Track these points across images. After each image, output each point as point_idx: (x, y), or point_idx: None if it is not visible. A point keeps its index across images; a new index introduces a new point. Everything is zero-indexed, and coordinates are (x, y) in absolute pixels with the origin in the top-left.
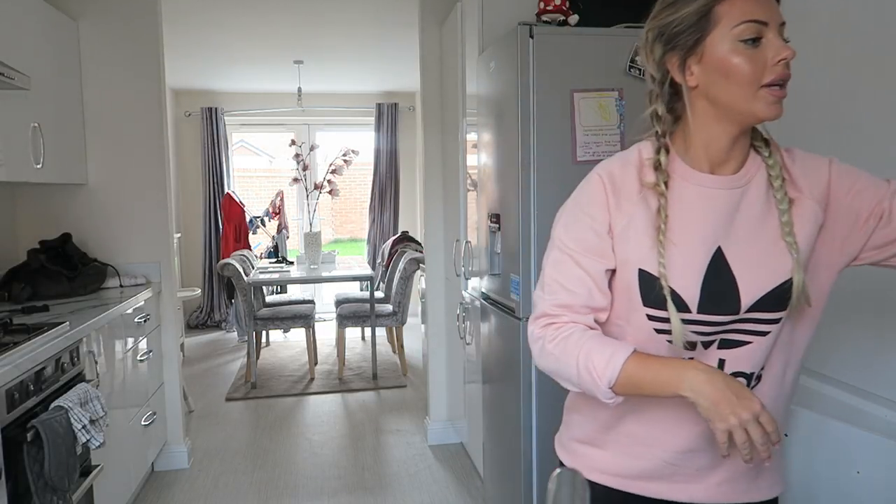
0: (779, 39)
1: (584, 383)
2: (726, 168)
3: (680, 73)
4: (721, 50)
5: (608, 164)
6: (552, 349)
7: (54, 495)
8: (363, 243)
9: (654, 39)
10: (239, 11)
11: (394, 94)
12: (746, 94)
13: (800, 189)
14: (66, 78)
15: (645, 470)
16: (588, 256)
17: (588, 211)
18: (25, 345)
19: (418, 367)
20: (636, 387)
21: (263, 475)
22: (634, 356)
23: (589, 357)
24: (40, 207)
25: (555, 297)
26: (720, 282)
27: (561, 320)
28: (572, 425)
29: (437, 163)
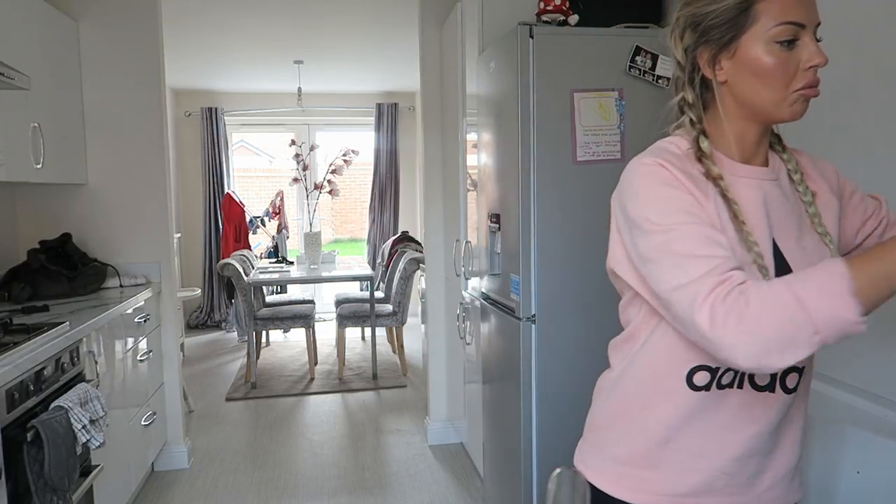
0: (814, 44)
1: (823, 314)
2: (756, 161)
3: (710, 68)
4: (755, 49)
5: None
6: (756, 310)
7: (54, 495)
8: (363, 243)
9: (687, 27)
10: (239, 12)
11: (394, 94)
12: (775, 96)
13: (818, 182)
14: (66, 78)
15: (699, 484)
16: (699, 223)
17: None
18: (25, 345)
19: (418, 367)
20: (875, 286)
21: (263, 475)
22: (850, 259)
23: (806, 287)
24: (40, 207)
25: (706, 267)
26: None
27: (736, 279)
28: (609, 444)
29: (437, 163)
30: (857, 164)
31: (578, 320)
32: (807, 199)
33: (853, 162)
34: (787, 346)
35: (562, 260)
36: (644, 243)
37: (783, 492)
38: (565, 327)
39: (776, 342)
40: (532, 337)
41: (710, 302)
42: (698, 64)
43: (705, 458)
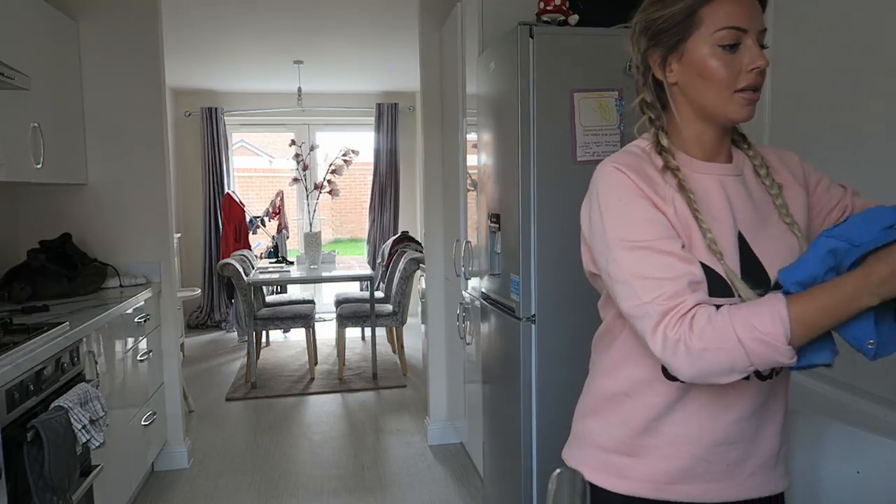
0: (756, 47)
1: (758, 356)
2: (719, 159)
3: (661, 70)
4: (701, 52)
5: (617, 159)
6: (700, 344)
7: (54, 495)
8: (363, 243)
9: (640, 32)
10: (239, 12)
11: (394, 94)
12: (721, 96)
13: (783, 175)
14: (66, 78)
15: (680, 471)
16: (662, 239)
17: (631, 198)
18: (25, 345)
19: (418, 367)
20: (811, 326)
21: (263, 475)
22: (791, 300)
23: (750, 326)
24: (40, 207)
25: (658, 291)
26: (750, 264)
27: (686, 306)
28: (592, 434)
29: (437, 163)
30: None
31: (578, 320)
32: (774, 191)
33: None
34: (726, 373)
35: (562, 260)
36: (606, 259)
37: (765, 479)
38: (565, 327)
39: (717, 371)
40: (532, 337)
41: (661, 330)
42: (651, 65)
43: (685, 446)
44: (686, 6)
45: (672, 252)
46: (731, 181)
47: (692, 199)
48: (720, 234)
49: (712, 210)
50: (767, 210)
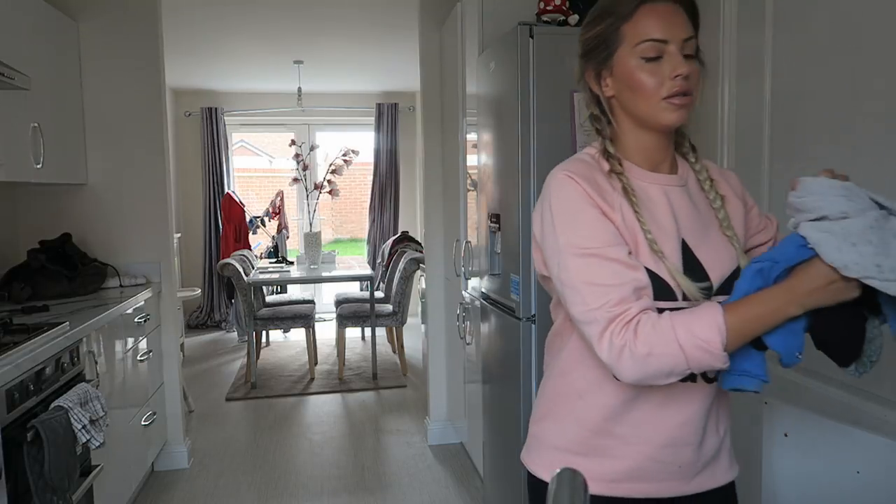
0: (678, 56)
1: (696, 360)
2: (663, 168)
3: (597, 85)
4: (627, 65)
5: (568, 167)
6: (644, 349)
7: (54, 495)
8: (363, 243)
9: (579, 53)
10: (239, 12)
11: (394, 94)
12: (650, 104)
13: (725, 189)
14: (66, 78)
15: (632, 470)
16: (609, 246)
17: (581, 206)
18: (25, 345)
19: (418, 367)
20: (747, 332)
21: (263, 475)
22: (727, 309)
23: (690, 332)
24: (40, 207)
25: (604, 298)
26: (693, 269)
27: (631, 313)
28: (548, 434)
29: (437, 163)
30: (856, 164)
31: None
32: (716, 204)
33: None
34: (666, 376)
35: None
36: (557, 264)
37: (714, 474)
38: None
39: (657, 374)
40: (532, 337)
41: (608, 336)
42: (588, 82)
43: (636, 446)
44: (609, 24)
45: (619, 259)
46: (676, 191)
47: (635, 203)
48: (663, 240)
49: (656, 217)
50: (710, 221)
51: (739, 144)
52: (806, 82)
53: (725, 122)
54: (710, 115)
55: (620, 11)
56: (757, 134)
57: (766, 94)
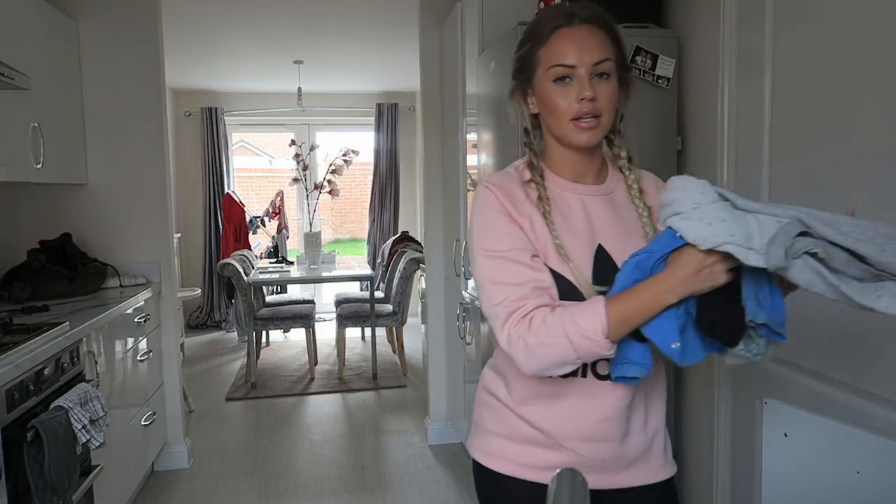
0: (585, 80)
1: (583, 349)
2: (587, 179)
3: (524, 102)
4: (543, 87)
5: (492, 178)
6: (536, 340)
7: (54, 495)
8: (363, 243)
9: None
10: (239, 12)
11: (394, 94)
12: (561, 124)
13: (654, 201)
14: (66, 78)
15: (558, 461)
16: (514, 250)
17: (495, 213)
18: (25, 345)
19: (418, 367)
20: (627, 322)
21: (263, 475)
22: (609, 300)
23: (575, 324)
24: (40, 207)
25: (506, 294)
26: (606, 269)
27: (527, 308)
28: (485, 422)
29: (437, 163)
30: (855, 164)
31: None
32: (644, 214)
33: (851, 162)
34: (558, 366)
35: None
36: (472, 265)
37: (643, 471)
38: None
39: (550, 363)
40: None
41: (506, 329)
42: (517, 98)
43: (561, 439)
44: (529, 48)
45: (522, 261)
46: (595, 200)
47: (547, 211)
48: (576, 245)
49: (571, 223)
50: (634, 228)
51: (739, 144)
52: (806, 82)
53: (725, 122)
54: (710, 115)
55: (538, 36)
56: (757, 134)
57: (766, 94)
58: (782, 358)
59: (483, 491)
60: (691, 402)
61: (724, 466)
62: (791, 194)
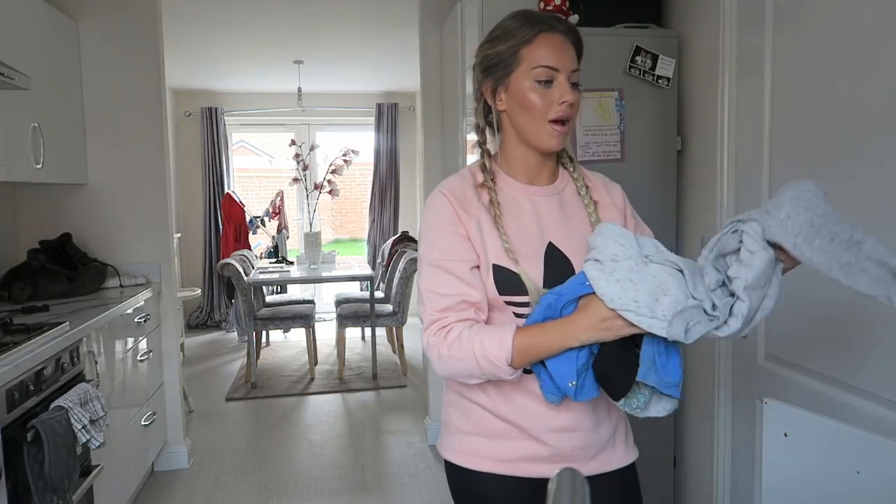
0: (566, 84)
1: (486, 370)
2: (541, 179)
3: (492, 98)
4: (522, 85)
5: (446, 183)
6: (448, 352)
7: (54, 495)
8: (363, 243)
9: (477, 66)
10: (239, 11)
11: (394, 94)
12: (537, 124)
13: (601, 195)
14: (66, 78)
15: (528, 453)
16: (452, 261)
17: (442, 223)
18: (25, 345)
19: (418, 367)
20: (530, 355)
21: (263, 475)
22: (519, 332)
23: (483, 346)
24: (40, 207)
25: (435, 304)
26: (559, 265)
27: (447, 321)
28: (454, 422)
29: (437, 163)
30: (855, 165)
31: None
32: (590, 208)
33: (851, 163)
34: (466, 377)
35: None
36: (419, 268)
37: (609, 458)
38: None
39: (458, 374)
40: None
41: (427, 334)
42: (485, 94)
43: (527, 431)
44: (510, 46)
45: (457, 274)
46: (545, 200)
47: (498, 214)
48: (524, 243)
49: (522, 224)
50: (581, 223)
51: (739, 144)
52: (806, 82)
53: (725, 122)
54: (710, 115)
55: (521, 36)
56: (757, 134)
57: (766, 95)
58: (782, 358)
59: (457, 490)
60: (691, 403)
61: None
62: None
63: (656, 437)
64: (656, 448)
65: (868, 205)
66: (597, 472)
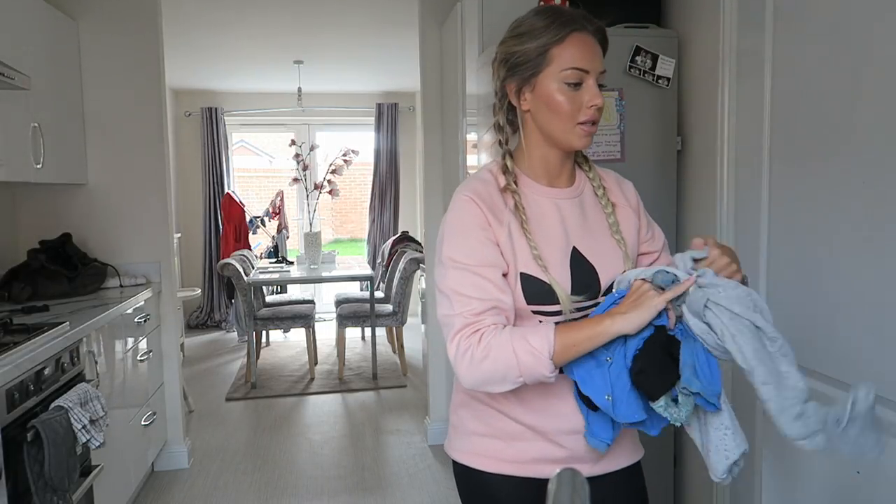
0: (595, 87)
1: (527, 366)
2: (560, 181)
3: (516, 97)
4: (550, 86)
5: (469, 185)
6: (483, 353)
7: (54, 495)
8: (363, 243)
9: (500, 63)
10: (239, 11)
11: (394, 94)
12: (565, 126)
13: (618, 197)
14: (66, 78)
15: (542, 454)
16: (484, 266)
17: (471, 226)
18: (25, 345)
19: (418, 367)
20: (571, 349)
21: (263, 475)
22: (559, 328)
23: (525, 340)
24: (40, 207)
25: (467, 307)
26: (584, 272)
27: (483, 324)
28: (466, 423)
29: (437, 162)
30: (854, 166)
31: None
32: (608, 210)
33: (850, 164)
34: (499, 382)
35: None
36: (439, 273)
37: (618, 456)
38: None
39: (492, 380)
40: None
41: (457, 339)
42: (508, 93)
43: (544, 434)
44: (539, 45)
45: (490, 279)
46: (567, 203)
47: (524, 220)
48: (551, 250)
49: (546, 229)
50: (601, 226)
51: (739, 144)
52: (806, 82)
53: (725, 122)
54: (710, 115)
55: (551, 35)
56: (757, 134)
57: (766, 95)
58: None
59: (467, 491)
60: None
61: None
62: (790, 194)
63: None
64: (656, 448)
65: (868, 205)
66: (606, 472)
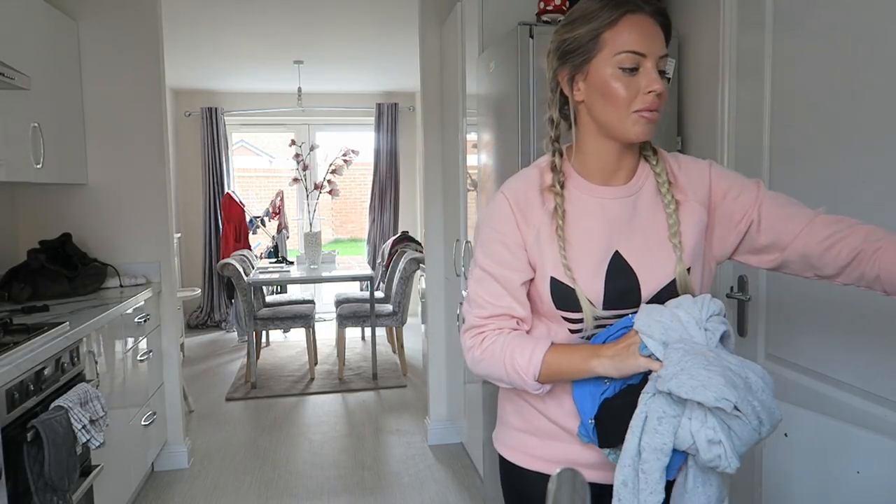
0: (654, 72)
1: (514, 381)
2: (618, 178)
3: (569, 87)
4: (603, 73)
5: (512, 183)
6: (481, 356)
7: (54, 495)
8: (363, 243)
9: (553, 52)
10: (239, 11)
11: (394, 94)
12: (620, 115)
13: (685, 192)
14: (66, 78)
15: (576, 457)
16: (504, 271)
17: (499, 229)
18: (25, 345)
19: (418, 367)
20: (557, 374)
21: (263, 475)
22: (552, 349)
23: (513, 357)
24: (40, 207)
25: (480, 310)
26: (623, 280)
27: (488, 328)
28: (509, 417)
29: (437, 163)
30: (853, 166)
31: None
32: (669, 209)
33: (849, 164)
34: (497, 381)
35: None
36: (472, 266)
37: None
38: None
39: (490, 377)
40: None
41: (466, 336)
42: (560, 83)
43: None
44: (591, 29)
45: (507, 288)
46: (616, 203)
47: (560, 225)
48: (587, 254)
49: (585, 231)
50: (656, 227)
51: (739, 144)
52: (806, 82)
53: (725, 122)
54: (710, 115)
55: (604, 18)
56: (757, 134)
57: (766, 94)
58: (782, 358)
59: (506, 483)
60: None
61: None
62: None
63: None
64: None
65: (868, 205)
66: None
